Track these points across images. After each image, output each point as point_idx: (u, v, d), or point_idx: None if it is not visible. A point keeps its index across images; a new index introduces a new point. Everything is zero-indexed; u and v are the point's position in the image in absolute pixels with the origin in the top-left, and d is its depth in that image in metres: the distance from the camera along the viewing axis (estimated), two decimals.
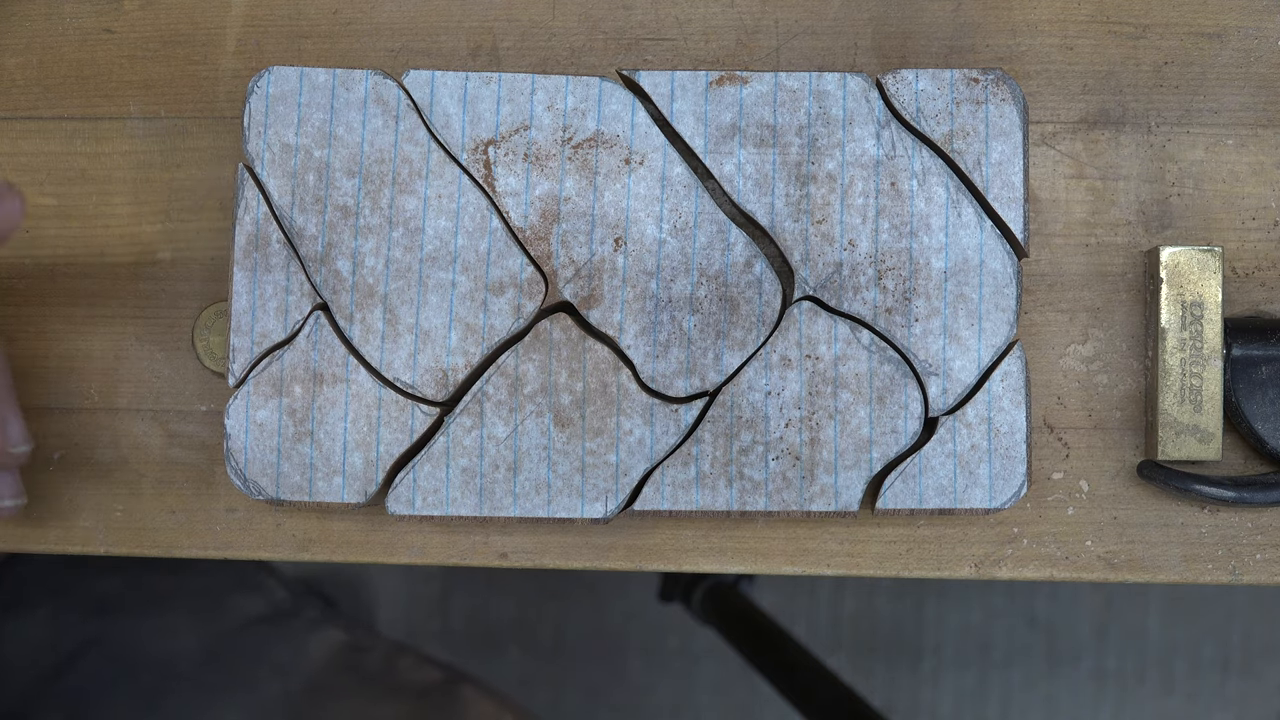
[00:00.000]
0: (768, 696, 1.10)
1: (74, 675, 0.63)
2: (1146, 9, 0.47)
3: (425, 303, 0.44)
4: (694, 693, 1.20)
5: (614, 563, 0.47)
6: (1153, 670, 1.19)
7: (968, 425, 0.44)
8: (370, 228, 0.44)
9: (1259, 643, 1.19)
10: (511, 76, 0.44)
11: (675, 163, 0.44)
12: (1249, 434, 0.46)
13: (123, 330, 0.48)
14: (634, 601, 1.19)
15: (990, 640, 1.20)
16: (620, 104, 0.44)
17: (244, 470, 0.44)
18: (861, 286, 0.44)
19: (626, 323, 0.44)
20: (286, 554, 0.48)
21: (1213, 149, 0.47)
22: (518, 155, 0.44)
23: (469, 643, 1.21)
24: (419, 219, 0.44)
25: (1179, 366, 0.45)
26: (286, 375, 0.44)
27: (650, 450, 0.44)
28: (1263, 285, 0.47)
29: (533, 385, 0.44)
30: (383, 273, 0.44)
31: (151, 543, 0.48)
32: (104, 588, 0.67)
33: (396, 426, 0.44)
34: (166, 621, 0.67)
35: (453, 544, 0.47)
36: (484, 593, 1.20)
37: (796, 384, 0.44)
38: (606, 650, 1.20)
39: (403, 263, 0.44)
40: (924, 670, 1.20)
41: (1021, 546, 0.47)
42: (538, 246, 0.44)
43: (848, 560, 0.47)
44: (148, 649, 0.65)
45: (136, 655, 0.64)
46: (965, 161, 0.44)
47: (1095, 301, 0.47)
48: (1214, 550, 0.47)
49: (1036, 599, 1.19)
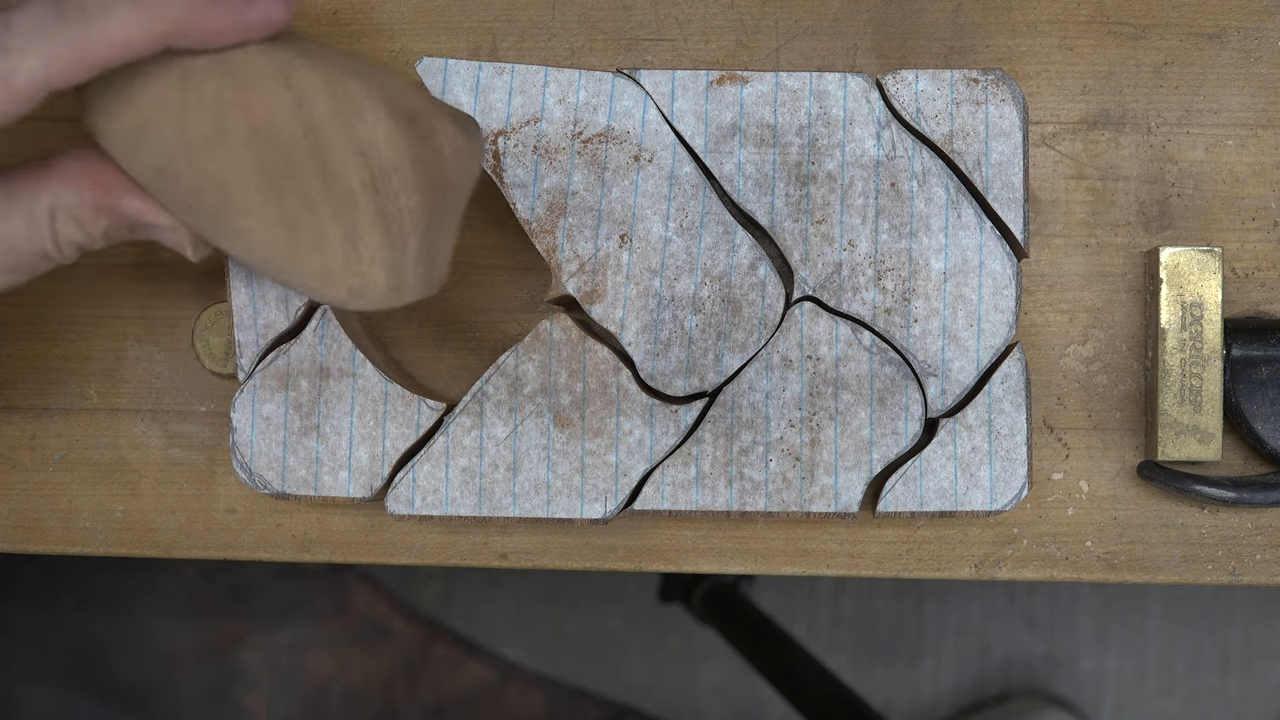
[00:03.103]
0: (768, 696, 1.10)
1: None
2: (1146, 9, 0.47)
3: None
4: (694, 693, 1.20)
5: (614, 563, 0.47)
6: (1153, 670, 1.19)
7: (968, 428, 0.44)
8: None
9: (1259, 643, 1.19)
10: (524, 68, 0.44)
11: (684, 161, 0.44)
12: (1249, 434, 0.46)
13: (123, 330, 0.48)
14: (634, 601, 1.19)
15: (990, 640, 1.20)
16: (632, 100, 0.44)
17: (249, 464, 0.44)
18: (861, 287, 0.44)
19: (628, 319, 0.44)
20: (286, 554, 0.48)
21: (1213, 149, 0.47)
22: (527, 147, 0.44)
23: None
24: None
25: (1179, 367, 0.45)
26: (293, 369, 0.44)
27: (650, 451, 0.44)
28: (1263, 285, 0.47)
29: (532, 385, 0.44)
30: None
31: (151, 543, 0.48)
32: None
33: (403, 421, 0.44)
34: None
35: (453, 544, 0.47)
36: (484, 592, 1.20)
37: (797, 385, 0.44)
38: (606, 650, 1.20)
39: None
40: (924, 670, 1.20)
41: (1021, 547, 0.47)
42: (543, 239, 0.44)
43: (847, 561, 0.47)
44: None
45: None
46: (965, 162, 0.44)
47: (1095, 302, 0.47)
48: (1214, 550, 0.47)
49: (1036, 599, 1.19)
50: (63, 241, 0.37)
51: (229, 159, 0.36)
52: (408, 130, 0.37)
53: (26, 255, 0.37)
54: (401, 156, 0.37)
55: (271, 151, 0.36)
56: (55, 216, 0.37)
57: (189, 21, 0.35)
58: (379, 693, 0.73)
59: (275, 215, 0.36)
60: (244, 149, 0.36)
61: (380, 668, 0.73)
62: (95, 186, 0.37)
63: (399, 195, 0.37)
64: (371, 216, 0.37)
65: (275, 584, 0.72)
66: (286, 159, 0.36)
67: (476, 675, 0.75)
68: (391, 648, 0.73)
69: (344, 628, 0.73)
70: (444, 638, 0.75)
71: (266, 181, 0.36)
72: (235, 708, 0.71)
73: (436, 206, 0.38)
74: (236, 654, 0.71)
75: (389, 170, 0.36)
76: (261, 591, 0.72)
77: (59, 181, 0.37)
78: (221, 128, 0.36)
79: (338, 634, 0.72)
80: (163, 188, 0.37)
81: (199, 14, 0.35)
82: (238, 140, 0.36)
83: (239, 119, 0.36)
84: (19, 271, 0.38)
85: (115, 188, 0.37)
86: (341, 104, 0.36)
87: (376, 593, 0.74)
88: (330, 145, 0.36)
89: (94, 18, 0.34)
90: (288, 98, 0.36)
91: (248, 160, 0.36)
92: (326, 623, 0.72)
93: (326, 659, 0.72)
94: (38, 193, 0.37)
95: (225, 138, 0.36)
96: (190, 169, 0.36)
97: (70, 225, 0.37)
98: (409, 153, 0.37)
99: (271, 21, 0.36)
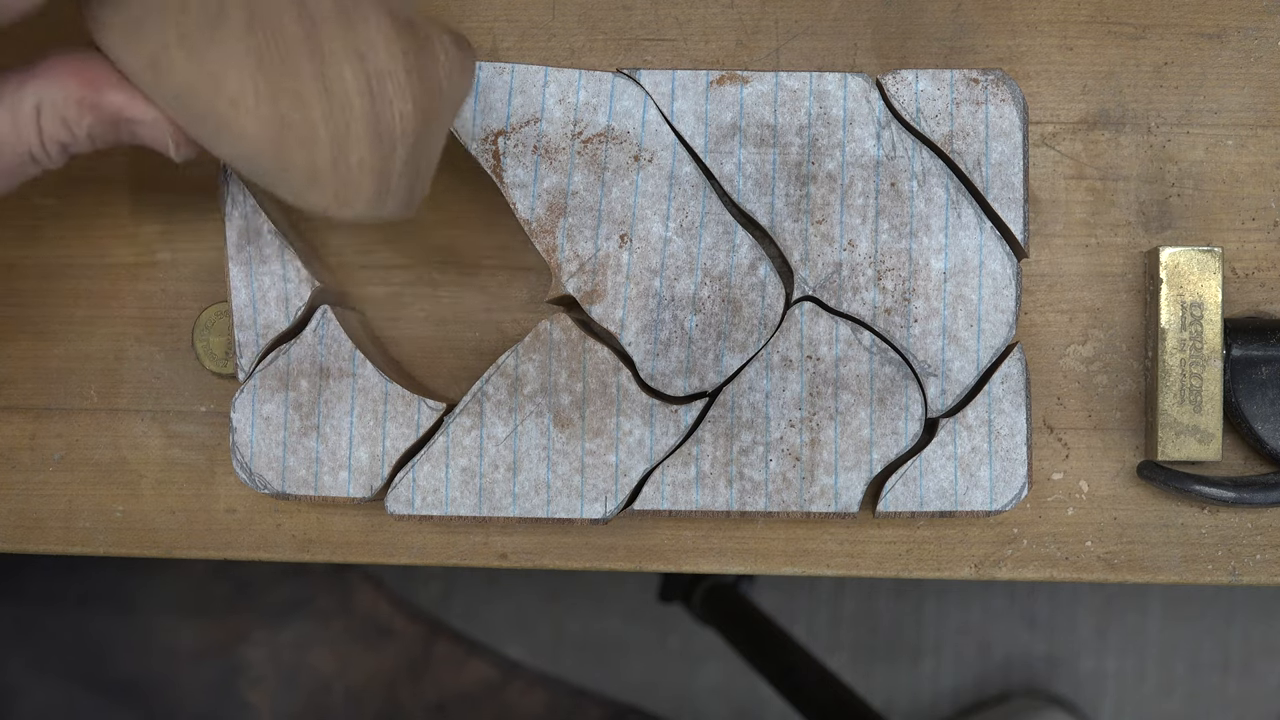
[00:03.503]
0: (768, 696, 1.10)
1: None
2: (1146, 9, 0.47)
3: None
4: (694, 693, 1.20)
5: (614, 563, 0.47)
6: (1153, 670, 1.19)
7: (968, 428, 0.44)
8: None
9: (1259, 643, 1.19)
10: (525, 68, 0.44)
11: (684, 161, 0.44)
12: (1249, 434, 0.46)
13: (123, 330, 0.48)
14: (634, 601, 1.19)
15: (990, 640, 1.20)
16: (632, 100, 0.44)
17: (249, 464, 0.44)
18: (861, 287, 0.44)
19: (628, 319, 0.44)
20: (286, 554, 0.48)
21: (1213, 149, 0.47)
22: (527, 147, 0.44)
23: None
24: None
25: (1179, 367, 0.45)
26: (293, 369, 0.44)
27: (650, 451, 0.44)
28: (1263, 285, 0.47)
29: (532, 385, 0.44)
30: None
31: (151, 543, 0.48)
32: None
33: (403, 421, 0.44)
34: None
35: (452, 544, 0.47)
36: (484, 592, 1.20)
37: (797, 385, 0.44)
38: (606, 650, 1.20)
39: None
40: (924, 670, 1.20)
41: (1021, 547, 0.47)
42: (543, 239, 0.44)
43: (847, 561, 0.47)
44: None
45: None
46: (965, 162, 0.44)
47: (1095, 302, 0.47)
48: (1214, 550, 0.47)
49: (1036, 599, 1.19)
50: (48, 140, 0.37)
51: (225, 50, 0.35)
52: (407, 37, 0.37)
53: (13, 156, 0.37)
54: (398, 62, 0.36)
55: (269, 44, 0.35)
56: (41, 112, 0.37)
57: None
58: (381, 691, 0.73)
59: (267, 112, 0.36)
60: (241, 39, 0.35)
61: (383, 666, 0.73)
62: (80, 82, 0.37)
63: (392, 101, 0.36)
64: (363, 120, 0.36)
65: (279, 582, 0.73)
66: (283, 54, 0.35)
67: (479, 674, 0.75)
68: (394, 646, 0.74)
69: (347, 626, 0.73)
70: (446, 636, 0.75)
71: (261, 75, 0.35)
72: (238, 705, 0.71)
73: (427, 118, 0.38)
74: (240, 651, 0.71)
75: (384, 75, 0.36)
76: (266, 589, 0.72)
77: (43, 78, 0.37)
78: (222, 15, 0.35)
79: (341, 632, 0.73)
80: (155, 81, 0.36)
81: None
82: (236, 30, 0.35)
83: (240, 7, 0.35)
84: (7, 175, 0.38)
85: (100, 82, 0.37)
86: (344, 3, 0.36)
87: (379, 592, 0.74)
88: (329, 44, 0.36)
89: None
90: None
91: (244, 52, 0.35)
92: (330, 621, 0.73)
93: (329, 657, 0.72)
94: (22, 90, 0.37)
95: (224, 26, 0.35)
96: (185, 59, 0.35)
97: (55, 122, 0.37)
98: (405, 60, 0.36)
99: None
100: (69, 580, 0.70)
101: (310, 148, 0.36)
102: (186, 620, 0.71)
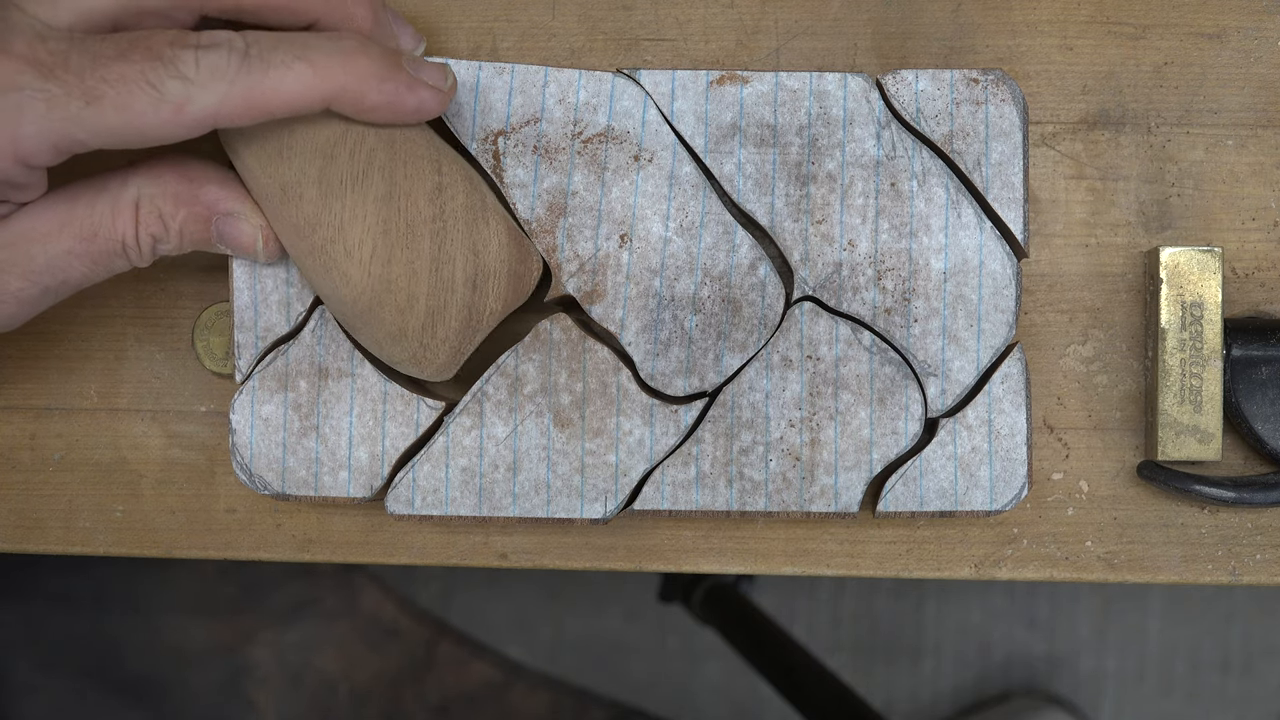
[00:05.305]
0: (768, 696, 1.10)
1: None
2: (1146, 9, 0.47)
3: None
4: (694, 693, 1.20)
5: (614, 563, 0.47)
6: (1153, 670, 1.19)
7: (968, 428, 0.44)
8: None
9: (1259, 643, 1.19)
10: (524, 68, 0.44)
11: (685, 161, 0.44)
12: (1249, 434, 0.46)
13: (123, 330, 0.48)
14: (634, 601, 1.19)
15: (990, 640, 1.20)
16: (632, 100, 0.44)
17: (249, 465, 0.44)
18: (861, 287, 0.44)
19: (628, 319, 0.44)
20: (286, 554, 0.48)
21: (1213, 149, 0.47)
22: (527, 147, 0.44)
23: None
24: None
25: (1179, 367, 0.45)
26: (292, 370, 0.44)
27: (650, 451, 0.44)
28: (1263, 285, 0.47)
29: (532, 385, 0.44)
30: None
31: (151, 543, 0.48)
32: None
33: (402, 421, 0.44)
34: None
35: (452, 544, 0.47)
36: (484, 592, 1.21)
37: (797, 385, 0.44)
38: (606, 650, 1.20)
39: None
40: (924, 670, 1.20)
41: (1021, 547, 0.47)
42: (543, 239, 0.44)
43: (847, 561, 0.47)
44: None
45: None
46: (965, 162, 0.44)
47: (1095, 302, 0.47)
48: (1214, 550, 0.47)
49: (1036, 599, 1.19)
50: (142, 232, 0.39)
51: (358, 206, 0.39)
52: (515, 247, 0.41)
53: (107, 244, 0.39)
54: (504, 267, 0.41)
55: (399, 219, 0.39)
56: (140, 205, 0.39)
57: (354, 91, 0.38)
58: (385, 691, 0.73)
59: (378, 271, 0.40)
60: (376, 203, 0.39)
61: (387, 666, 0.74)
62: (179, 177, 0.40)
63: (489, 297, 0.41)
64: (461, 306, 0.41)
65: (286, 583, 0.73)
66: (410, 227, 0.40)
67: (482, 674, 0.75)
68: (398, 647, 0.74)
69: (352, 627, 0.73)
70: (450, 637, 0.75)
71: (383, 239, 0.39)
72: (245, 704, 0.71)
73: (505, 315, 0.42)
74: (247, 651, 0.72)
75: (490, 274, 0.41)
76: (272, 590, 0.73)
77: (145, 174, 0.40)
78: (366, 177, 0.39)
79: (346, 633, 0.73)
80: (280, 203, 0.39)
81: (365, 86, 0.38)
82: (374, 193, 0.39)
83: (382, 180, 0.39)
84: (98, 263, 0.40)
85: (199, 179, 0.40)
86: (474, 204, 0.41)
87: (385, 593, 0.75)
88: (452, 232, 0.40)
89: (272, 72, 0.37)
90: (434, 181, 0.40)
91: (374, 214, 0.39)
92: (335, 622, 0.73)
93: (335, 657, 0.72)
94: (126, 183, 0.40)
95: (363, 187, 0.39)
96: (318, 197, 0.39)
97: (152, 215, 0.39)
98: (509, 266, 0.41)
99: (425, 111, 0.40)
100: (79, 580, 0.70)
101: (405, 313, 0.40)
102: (194, 620, 0.71)
